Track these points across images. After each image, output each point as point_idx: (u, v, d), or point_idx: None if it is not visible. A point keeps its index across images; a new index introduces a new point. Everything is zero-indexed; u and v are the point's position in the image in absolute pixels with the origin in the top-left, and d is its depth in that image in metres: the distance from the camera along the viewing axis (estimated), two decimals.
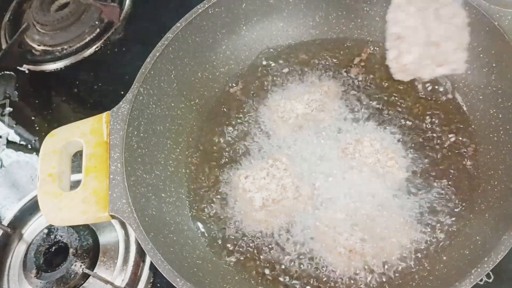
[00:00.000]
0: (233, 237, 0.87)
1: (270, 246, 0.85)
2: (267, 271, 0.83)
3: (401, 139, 0.89)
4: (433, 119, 0.91)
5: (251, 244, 0.85)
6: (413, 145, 0.89)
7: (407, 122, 0.91)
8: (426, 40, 0.82)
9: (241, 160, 0.93)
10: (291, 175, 0.87)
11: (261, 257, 0.84)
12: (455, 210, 0.82)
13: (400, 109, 0.93)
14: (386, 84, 0.96)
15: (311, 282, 0.80)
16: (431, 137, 0.89)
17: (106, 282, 0.89)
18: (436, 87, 0.93)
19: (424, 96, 0.93)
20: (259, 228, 0.86)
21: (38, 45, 1.33)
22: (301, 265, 0.82)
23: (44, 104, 1.25)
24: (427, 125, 0.90)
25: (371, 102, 0.94)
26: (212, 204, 0.91)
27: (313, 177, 0.88)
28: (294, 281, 0.81)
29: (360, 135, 0.90)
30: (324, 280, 0.80)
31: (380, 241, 0.80)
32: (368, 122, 0.92)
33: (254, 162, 0.92)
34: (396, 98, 0.94)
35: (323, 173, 0.88)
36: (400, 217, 0.82)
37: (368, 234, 0.81)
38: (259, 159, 0.92)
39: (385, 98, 0.94)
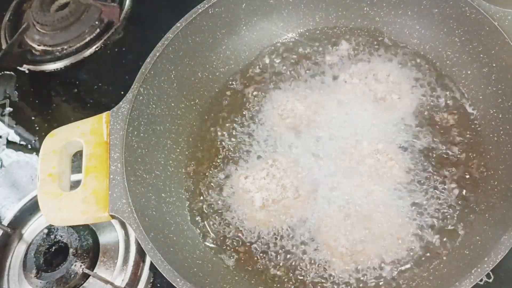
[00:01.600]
0: (233, 237, 0.87)
1: (270, 246, 0.85)
2: (267, 272, 0.83)
3: (400, 140, 0.89)
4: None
5: (251, 244, 0.85)
6: (412, 145, 0.88)
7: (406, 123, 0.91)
8: (374, 98, 0.93)
9: (241, 160, 0.93)
10: (291, 175, 0.87)
11: (262, 257, 0.84)
12: (455, 210, 0.82)
13: None
14: None
15: (312, 281, 0.80)
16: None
17: (106, 282, 0.89)
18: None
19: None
20: (259, 228, 0.86)
21: (38, 45, 1.33)
22: (302, 265, 0.82)
23: (44, 104, 1.25)
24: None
25: None
26: (212, 204, 0.91)
27: (312, 177, 0.88)
28: (294, 281, 0.81)
29: (360, 136, 0.90)
30: (324, 279, 0.80)
31: (380, 241, 0.80)
32: (367, 122, 0.92)
33: (254, 162, 0.92)
34: None
35: (323, 173, 0.88)
36: (400, 217, 0.82)
37: (368, 234, 0.81)
38: (259, 159, 0.92)
39: None
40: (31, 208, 1.04)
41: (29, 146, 1.18)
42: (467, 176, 0.84)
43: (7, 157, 1.18)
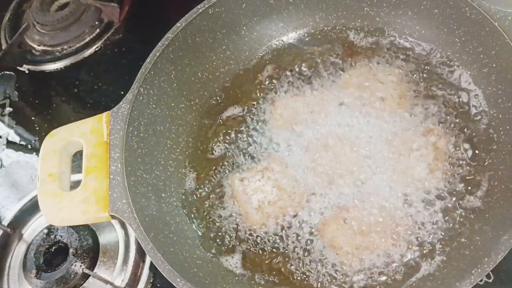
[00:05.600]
0: (233, 238, 0.87)
1: (269, 247, 0.85)
2: (267, 272, 0.83)
3: (400, 141, 0.89)
4: None
5: (251, 245, 0.85)
6: (411, 147, 0.88)
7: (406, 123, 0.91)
8: (374, 98, 0.93)
9: (239, 162, 0.93)
10: (288, 177, 0.87)
11: (262, 257, 0.84)
12: (455, 210, 0.82)
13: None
14: None
15: (311, 281, 0.80)
16: None
17: (106, 282, 0.89)
18: None
19: None
20: (257, 229, 0.86)
21: (38, 45, 1.33)
22: (301, 265, 0.82)
23: (44, 104, 1.25)
24: None
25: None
26: (211, 205, 0.91)
27: (309, 179, 0.87)
28: (295, 281, 0.81)
29: (359, 137, 0.90)
30: (324, 279, 0.80)
31: (378, 241, 0.80)
32: (367, 123, 0.92)
33: (251, 164, 0.92)
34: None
35: (319, 175, 0.88)
36: (399, 217, 0.82)
37: (365, 234, 0.81)
38: (256, 161, 0.92)
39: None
40: (31, 208, 1.04)
41: (29, 146, 1.18)
42: (468, 177, 0.84)
43: (7, 157, 1.18)
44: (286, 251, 0.84)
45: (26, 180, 1.14)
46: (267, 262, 0.84)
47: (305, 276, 0.81)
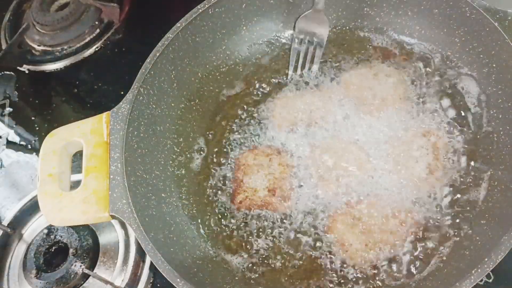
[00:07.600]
0: (233, 238, 0.87)
1: (270, 247, 0.85)
2: (267, 272, 0.83)
3: (400, 141, 0.89)
4: None
5: (251, 245, 0.85)
6: (411, 146, 0.88)
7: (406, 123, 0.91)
8: (374, 98, 0.93)
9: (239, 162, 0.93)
10: (289, 175, 0.87)
11: (262, 257, 0.84)
12: (455, 210, 0.82)
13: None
14: None
15: (311, 281, 0.80)
16: None
17: (106, 282, 0.89)
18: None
19: None
20: (259, 228, 0.86)
21: (38, 45, 1.33)
22: (302, 265, 0.82)
23: (44, 104, 1.25)
24: None
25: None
26: (211, 204, 0.91)
27: (309, 177, 0.88)
28: (295, 281, 0.81)
29: (359, 135, 0.90)
30: (323, 279, 0.80)
31: (378, 241, 0.80)
32: (367, 123, 0.92)
33: (252, 162, 0.92)
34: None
35: (320, 174, 0.88)
36: (399, 217, 0.82)
37: (365, 235, 0.81)
38: (257, 160, 0.92)
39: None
40: (31, 208, 1.04)
41: (29, 146, 1.18)
42: (467, 177, 0.84)
43: (7, 157, 1.18)
44: (286, 252, 0.83)
45: (26, 180, 1.14)
46: (268, 262, 0.84)
47: (304, 277, 0.81)
